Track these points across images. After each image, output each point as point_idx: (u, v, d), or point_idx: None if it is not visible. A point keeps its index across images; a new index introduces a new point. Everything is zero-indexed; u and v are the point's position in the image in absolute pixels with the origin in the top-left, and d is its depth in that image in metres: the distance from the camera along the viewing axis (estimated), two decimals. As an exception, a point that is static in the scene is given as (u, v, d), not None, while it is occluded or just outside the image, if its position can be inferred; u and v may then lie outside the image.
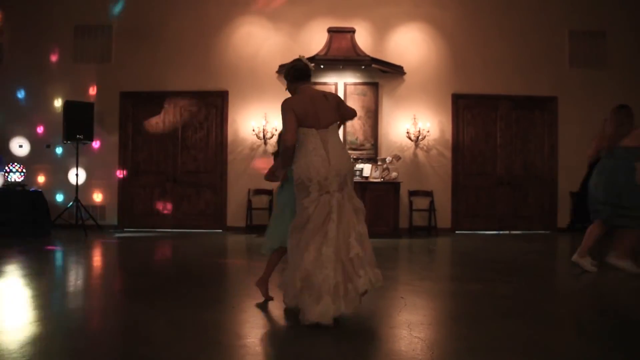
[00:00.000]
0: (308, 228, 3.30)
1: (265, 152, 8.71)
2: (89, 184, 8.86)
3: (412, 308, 3.67)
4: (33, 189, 8.25)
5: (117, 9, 8.91)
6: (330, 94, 3.65)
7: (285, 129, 3.41)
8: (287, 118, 3.38)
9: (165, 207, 8.97)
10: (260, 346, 2.83)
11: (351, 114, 3.74)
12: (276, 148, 4.04)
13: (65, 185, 8.83)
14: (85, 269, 5.56)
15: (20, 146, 8.90)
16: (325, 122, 3.44)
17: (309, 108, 3.41)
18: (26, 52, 8.94)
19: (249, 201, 8.64)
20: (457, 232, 8.92)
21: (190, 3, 8.97)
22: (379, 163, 8.54)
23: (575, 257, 5.24)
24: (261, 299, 3.80)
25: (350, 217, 3.39)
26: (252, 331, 3.14)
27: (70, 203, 8.26)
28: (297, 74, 3.56)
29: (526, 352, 2.79)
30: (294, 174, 3.42)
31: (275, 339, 3.00)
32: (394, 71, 8.70)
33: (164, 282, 4.62)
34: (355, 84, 8.84)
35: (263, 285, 3.85)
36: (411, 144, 8.83)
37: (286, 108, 3.40)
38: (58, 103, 8.80)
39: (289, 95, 3.60)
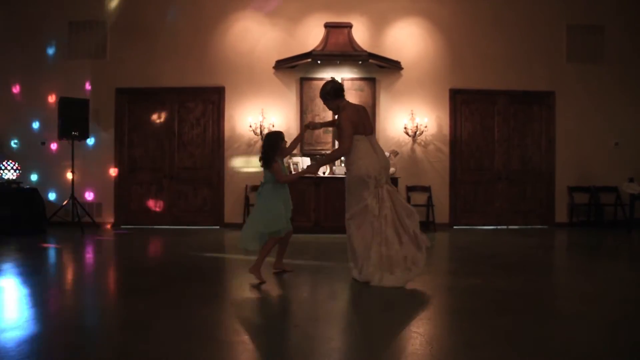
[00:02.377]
0: (368, 214, 4.15)
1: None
2: (84, 181, 8.82)
3: (411, 303, 3.66)
4: (28, 186, 8.21)
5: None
6: (364, 107, 4.56)
7: (344, 136, 4.24)
8: (346, 126, 4.22)
9: (161, 203, 8.94)
10: (259, 342, 2.82)
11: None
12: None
13: (60, 182, 8.79)
14: (82, 266, 5.53)
15: (15, 143, 8.86)
16: (370, 130, 4.36)
17: (358, 119, 4.29)
18: (20, 48, 8.89)
19: (246, 197, 8.61)
20: (455, 227, 8.91)
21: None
22: (377, 158, 8.51)
23: None
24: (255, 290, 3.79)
25: (401, 205, 4.26)
26: (251, 327, 3.13)
27: (67, 200, 8.23)
28: (338, 92, 4.40)
29: (525, 346, 2.78)
30: (353, 172, 4.25)
31: (273, 334, 2.99)
32: (391, 66, 8.67)
33: (162, 279, 4.60)
34: (353, 79, 8.81)
35: (257, 270, 4.31)
36: (409, 139, 8.81)
37: (345, 118, 4.24)
38: (53, 99, 8.74)
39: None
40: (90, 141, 8.75)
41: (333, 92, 4.43)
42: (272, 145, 4.42)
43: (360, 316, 3.42)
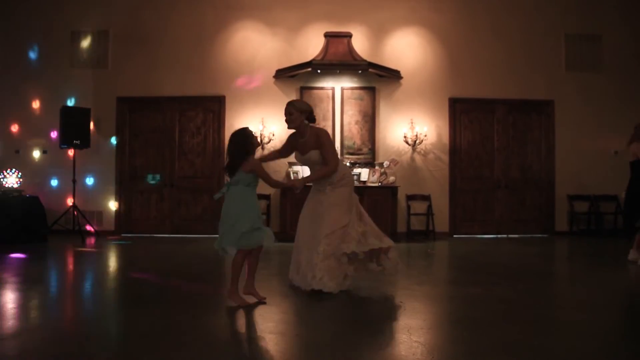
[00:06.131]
0: (352, 223, 4.33)
1: (262, 156, 8.70)
2: (85, 189, 8.83)
3: (412, 312, 3.66)
4: (29, 194, 8.22)
5: None
6: None
7: (331, 155, 4.28)
8: (331, 146, 4.35)
9: (162, 212, 8.95)
10: (260, 351, 2.82)
11: None
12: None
13: (61, 190, 8.79)
14: (83, 274, 5.54)
15: (17, 152, 8.88)
16: None
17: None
18: (22, 58, 8.94)
19: (247, 206, 8.61)
20: (454, 236, 8.92)
21: (186, 8, 8.99)
22: (377, 167, 8.55)
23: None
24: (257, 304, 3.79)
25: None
26: (252, 337, 3.13)
27: (68, 209, 8.24)
28: (313, 118, 4.41)
29: (525, 356, 2.78)
30: (347, 185, 4.38)
31: (274, 344, 2.99)
32: (391, 75, 8.72)
33: (162, 288, 4.60)
34: (352, 88, 8.85)
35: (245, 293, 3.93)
36: (408, 148, 8.84)
37: (327, 138, 4.36)
38: (55, 108, 8.76)
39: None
40: (92, 149, 8.79)
41: (311, 115, 4.41)
42: (245, 142, 3.87)
43: (361, 325, 3.43)
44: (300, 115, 4.30)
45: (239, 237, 3.78)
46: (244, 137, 3.92)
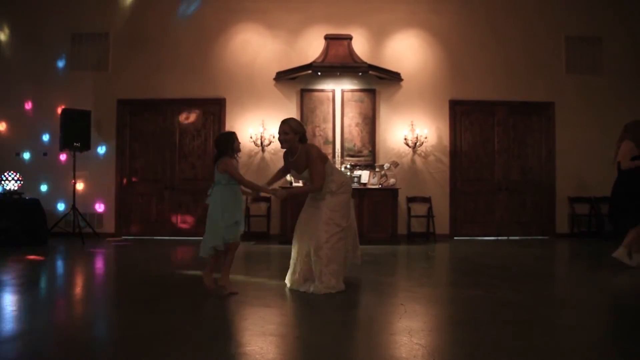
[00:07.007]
0: (351, 227, 4.60)
1: (263, 159, 8.72)
2: (86, 192, 8.83)
3: (412, 314, 3.66)
4: (30, 197, 8.22)
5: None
6: None
7: (317, 174, 4.33)
8: (318, 164, 4.35)
9: (162, 214, 8.95)
10: (261, 354, 2.81)
11: None
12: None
13: (62, 193, 8.79)
14: (83, 277, 5.53)
15: (17, 154, 8.88)
16: None
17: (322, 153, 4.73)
18: (23, 60, 8.95)
19: (247, 208, 8.61)
20: (455, 238, 8.91)
21: (187, 10, 8.99)
22: (377, 169, 8.54)
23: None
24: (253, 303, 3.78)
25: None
26: (253, 339, 3.12)
27: (68, 211, 8.24)
28: (306, 138, 4.49)
29: (526, 358, 2.78)
30: (346, 192, 4.49)
31: (275, 346, 2.98)
32: (391, 78, 8.72)
33: (163, 290, 4.59)
34: (353, 90, 8.86)
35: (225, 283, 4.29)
36: (409, 150, 8.84)
37: (316, 157, 4.36)
38: (55, 111, 8.77)
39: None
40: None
41: (304, 136, 4.48)
42: (222, 143, 4.28)
43: (362, 327, 3.42)
44: (294, 136, 4.40)
45: (223, 231, 4.18)
46: (225, 138, 4.26)
